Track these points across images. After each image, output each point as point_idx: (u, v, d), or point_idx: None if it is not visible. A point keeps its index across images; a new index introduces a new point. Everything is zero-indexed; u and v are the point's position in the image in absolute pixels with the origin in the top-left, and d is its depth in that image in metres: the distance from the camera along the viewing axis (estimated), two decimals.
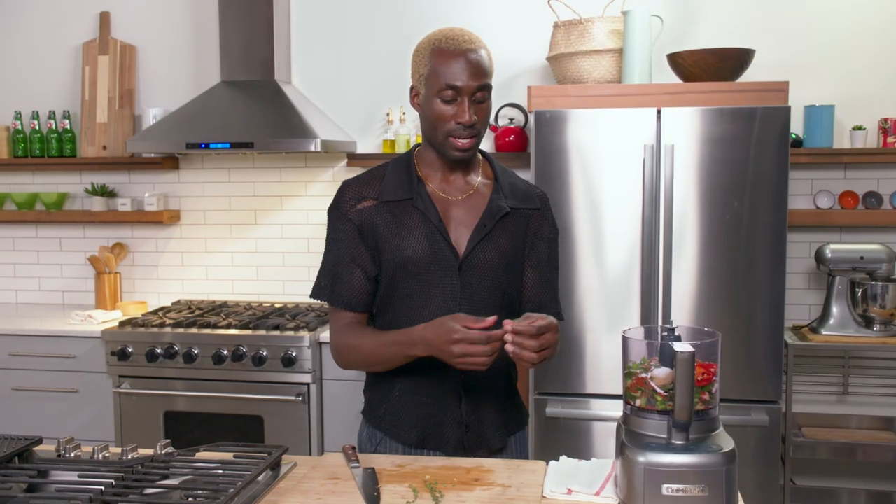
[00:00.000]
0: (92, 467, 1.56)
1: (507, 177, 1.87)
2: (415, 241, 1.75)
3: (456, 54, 1.69)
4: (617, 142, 2.89)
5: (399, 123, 3.64)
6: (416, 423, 1.80)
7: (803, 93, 3.35)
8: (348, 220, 1.79)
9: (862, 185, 3.42)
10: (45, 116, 3.90)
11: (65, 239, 4.04)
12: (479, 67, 1.70)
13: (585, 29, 3.11)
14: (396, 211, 1.77)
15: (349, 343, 1.79)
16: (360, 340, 1.77)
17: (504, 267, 1.80)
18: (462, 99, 1.70)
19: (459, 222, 1.78)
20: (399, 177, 1.80)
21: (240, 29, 3.58)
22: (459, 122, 1.70)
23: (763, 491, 2.92)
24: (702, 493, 1.34)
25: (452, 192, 1.81)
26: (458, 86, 1.68)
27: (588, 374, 2.97)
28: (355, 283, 1.79)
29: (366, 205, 1.78)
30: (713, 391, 1.41)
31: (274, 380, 3.21)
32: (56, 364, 3.40)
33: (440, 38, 1.72)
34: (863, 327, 3.17)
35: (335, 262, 1.81)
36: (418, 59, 1.75)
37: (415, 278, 1.76)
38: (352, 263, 1.79)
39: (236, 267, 3.91)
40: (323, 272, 1.84)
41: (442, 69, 1.69)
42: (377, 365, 1.78)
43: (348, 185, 1.83)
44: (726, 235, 2.87)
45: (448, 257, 1.75)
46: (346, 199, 1.80)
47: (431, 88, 1.71)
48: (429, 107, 1.73)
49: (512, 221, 1.81)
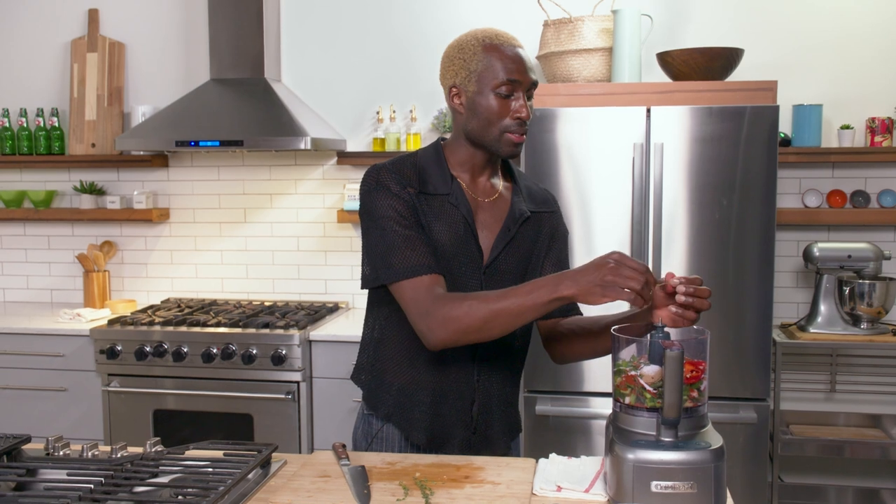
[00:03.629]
0: (81, 466, 1.55)
1: (523, 180, 1.86)
2: (449, 237, 1.72)
3: (512, 49, 1.70)
4: (607, 140, 2.90)
5: (389, 122, 3.64)
6: (427, 425, 1.78)
7: (792, 92, 3.37)
8: (402, 199, 1.70)
9: (850, 184, 3.44)
10: (34, 114, 3.88)
11: (53, 237, 4.02)
12: (530, 64, 1.72)
13: (575, 28, 3.12)
14: (433, 204, 1.73)
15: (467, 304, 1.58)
16: (484, 296, 1.59)
17: (522, 272, 1.79)
18: (519, 94, 1.69)
19: (485, 225, 1.76)
20: (434, 170, 1.76)
21: (229, 26, 3.57)
22: (518, 116, 1.68)
23: (751, 488, 2.94)
24: (690, 489, 1.34)
25: (479, 194, 1.78)
26: (518, 79, 1.68)
27: (578, 371, 2.98)
28: (430, 250, 1.68)
29: (410, 191, 1.72)
30: (702, 389, 1.42)
31: (264, 378, 3.20)
32: (45, 363, 3.38)
33: (490, 35, 1.71)
34: (850, 325, 3.19)
35: (401, 237, 1.67)
36: (467, 57, 1.71)
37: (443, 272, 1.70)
38: (420, 233, 1.69)
39: (226, 265, 3.91)
40: (388, 251, 1.67)
41: (501, 64, 1.68)
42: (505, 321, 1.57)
43: (384, 169, 1.73)
44: (715, 234, 2.88)
45: (476, 258, 1.74)
46: (390, 181, 1.71)
47: (487, 84, 1.68)
48: (482, 103, 1.69)
49: (530, 226, 1.81)
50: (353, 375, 1.89)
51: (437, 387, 1.77)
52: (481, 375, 1.79)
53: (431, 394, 1.77)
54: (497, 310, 1.56)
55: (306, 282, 3.85)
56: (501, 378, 1.83)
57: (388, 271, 1.67)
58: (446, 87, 1.76)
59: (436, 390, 1.77)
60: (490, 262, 1.75)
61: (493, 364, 1.81)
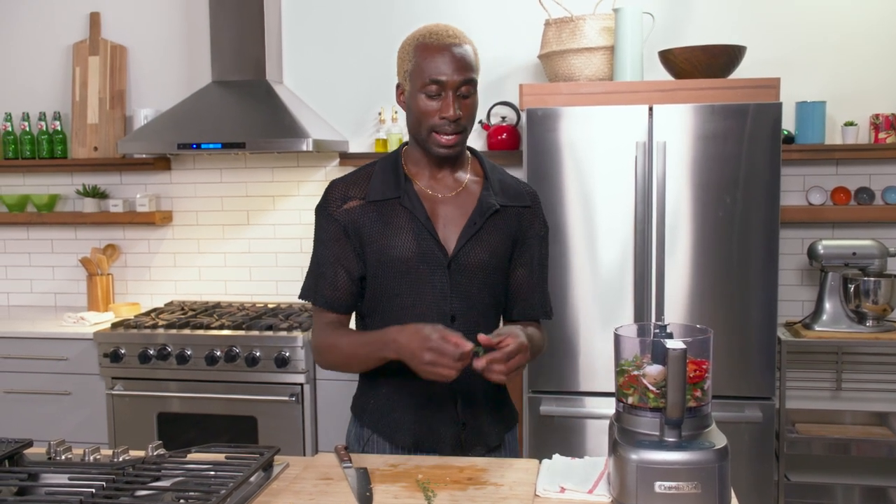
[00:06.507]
0: (83, 470, 1.55)
1: (496, 174, 1.85)
2: (402, 240, 1.74)
3: (440, 49, 1.68)
4: (609, 139, 2.89)
5: (391, 122, 3.64)
6: (410, 426, 1.79)
7: (795, 89, 3.35)
8: (334, 220, 1.78)
9: (854, 181, 3.42)
10: (36, 118, 3.89)
11: (56, 240, 4.03)
12: (464, 62, 1.69)
13: (577, 26, 3.11)
14: (384, 210, 1.76)
15: (328, 342, 1.79)
16: (338, 340, 1.77)
17: (494, 265, 1.79)
18: (446, 94, 1.68)
19: (448, 220, 1.77)
20: (386, 176, 1.79)
21: (231, 29, 3.56)
22: (444, 116, 1.69)
23: (758, 487, 2.93)
24: (694, 490, 1.34)
25: (441, 190, 1.79)
26: (441, 80, 1.67)
27: (581, 371, 2.97)
28: (339, 284, 1.78)
29: (352, 205, 1.77)
30: (705, 388, 1.41)
31: (267, 380, 3.20)
32: (48, 366, 3.38)
33: (424, 34, 1.72)
34: (856, 323, 3.18)
35: (320, 262, 1.80)
36: (403, 56, 1.75)
37: (403, 277, 1.74)
38: (336, 264, 1.78)
39: (229, 267, 3.90)
40: (309, 272, 1.84)
41: (426, 64, 1.68)
42: (354, 365, 1.78)
43: (335, 184, 1.83)
44: (719, 232, 2.87)
45: (437, 255, 1.74)
46: (332, 199, 1.80)
47: (416, 84, 1.70)
48: (413, 103, 1.72)
49: (502, 219, 1.80)
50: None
51: (418, 388, 1.77)
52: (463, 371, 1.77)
53: (413, 395, 1.78)
54: (345, 353, 1.76)
55: None
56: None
57: (306, 291, 1.84)
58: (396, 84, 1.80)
59: (417, 392, 1.78)
60: (454, 256, 1.75)
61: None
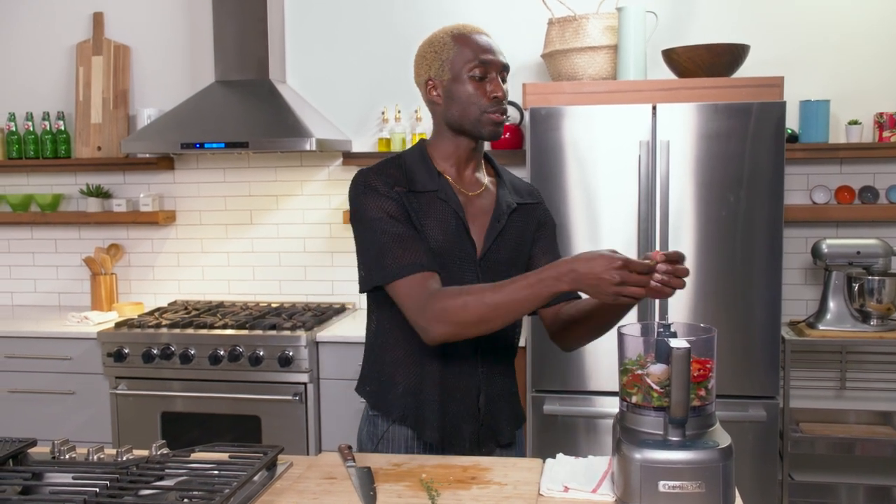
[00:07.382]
0: (86, 469, 1.55)
1: (506, 174, 1.91)
2: (442, 233, 1.73)
3: (479, 35, 1.77)
4: (612, 138, 2.89)
5: (394, 122, 3.63)
6: (438, 422, 1.78)
7: (798, 88, 3.35)
8: (391, 199, 1.70)
9: (858, 180, 3.41)
10: (40, 118, 3.89)
11: (60, 240, 4.03)
12: (499, 49, 1.78)
13: (580, 25, 3.11)
14: (422, 201, 1.74)
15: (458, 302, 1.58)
16: (473, 294, 1.58)
17: (514, 262, 1.82)
18: (493, 75, 1.74)
19: (474, 218, 1.79)
20: (419, 168, 1.78)
21: (234, 28, 3.57)
22: (495, 95, 1.73)
23: (761, 486, 2.92)
24: (698, 489, 1.33)
25: (467, 188, 1.81)
26: (489, 59, 1.73)
27: (585, 370, 2.96)
28: (424, 246, 1.69)
29: (399, 189, 1.73)
30: (709, 387, 1.40)
31: (271, 380, 3.20)
32: (52, 366, 3.38)
33: (456, 27, 1.78)
34: (860, 322, 3.17)
35: (396, 234, 1.67)
36: (437, 49, 1.76)
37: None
38: (411, 228, 1.70)
39: (232, 267, 3.91)
40: (375, 257, 1.69)
41: (471, 48, 1.73)
42: (505, 314, 1.57)
43: (371, 172, 1.74)
44: (722, 231, 2.86)
45: (469, 251, 1.76)
46: (379, 182, 1.72)
47: (460, 70, 1.73)
48: (458, 89, 1.74)
49: (519, 217, 1.84)
50: (357, 387, 1.89)
51: (443, 383, 1.77)
52: (485, 367, 1.81)
53: (439, 391, 1.78)
54: (494, 303, 1.56)
55: (313, 283, 3.84)
56: (503, 368, 1.86)
57: (381, 272, 1.67)
58: (422, 82, 1.80)
59: (443, 387, 1.78)
60: (484, 253, 1.77)
61: (495, 355, 1.83)
